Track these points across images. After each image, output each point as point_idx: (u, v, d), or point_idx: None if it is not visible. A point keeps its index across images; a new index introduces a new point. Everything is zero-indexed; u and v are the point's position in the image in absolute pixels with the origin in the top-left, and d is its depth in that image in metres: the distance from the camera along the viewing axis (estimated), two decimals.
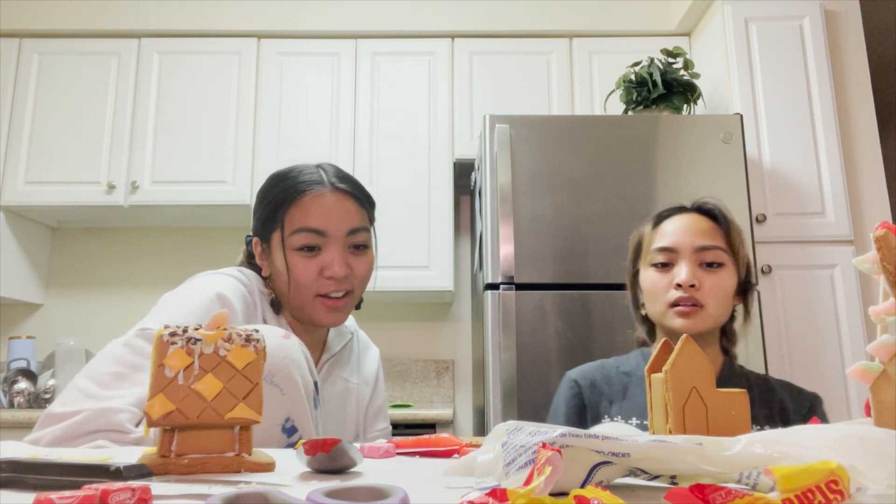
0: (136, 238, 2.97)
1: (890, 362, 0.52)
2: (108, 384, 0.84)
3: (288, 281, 1.04)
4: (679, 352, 0.60)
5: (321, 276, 1.04)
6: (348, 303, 1.07)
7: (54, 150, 2.67)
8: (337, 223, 1.05)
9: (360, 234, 1.07)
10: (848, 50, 2.45)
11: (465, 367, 2.90)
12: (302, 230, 1.03)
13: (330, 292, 1.04)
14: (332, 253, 1.04)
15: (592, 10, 2.81)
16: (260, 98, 2.74)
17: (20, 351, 2.60)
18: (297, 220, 1.04)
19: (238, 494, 0.40)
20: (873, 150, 2.36)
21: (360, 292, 1.09)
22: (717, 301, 1.10)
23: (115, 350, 0.89)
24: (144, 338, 0.90)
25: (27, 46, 2.76)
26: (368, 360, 1.24)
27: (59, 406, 0.82)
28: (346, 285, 1.05)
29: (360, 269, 1.07)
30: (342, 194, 1.07)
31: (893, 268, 0.52)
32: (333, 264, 1.03)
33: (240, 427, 0.58)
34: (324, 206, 1.05)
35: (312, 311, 1.05)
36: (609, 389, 1.16)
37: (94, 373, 0.86)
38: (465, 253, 2.96)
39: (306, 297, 1.04)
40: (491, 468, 0.47)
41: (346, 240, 1.06)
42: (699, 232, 1.13)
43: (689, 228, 1.14)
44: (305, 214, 1.04)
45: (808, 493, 0.35)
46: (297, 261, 1.04)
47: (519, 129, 2.13)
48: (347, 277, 1.05)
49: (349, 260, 1.06)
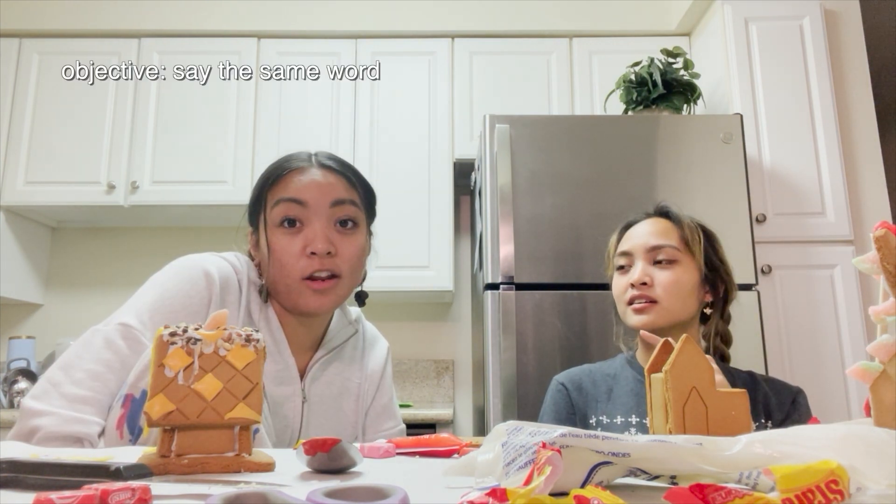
0: (136, 238, 2.97)
1: (890, 362, 0.52)
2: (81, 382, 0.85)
3: (271, 261, 0.99)
4: (679, 352, 0.60)
5: (304, 255, 0.98)
6: (336, 286, 1.00)
7: (54, 150, 2.67)
8: (318, 194, 1.00)
9: (345, 206, 1.01)
10: (848, 50, 2.45)
11: (465, 367, 2.89)
12: (281, 201, 0.99)
13: (314, 272, 0.98)
14: (315, 227, 0.99)
15: (592, 10, 2.81)
16: (260, 98, 2.74)
17: (20, 351, 2.60)
18: (279, 193, 1.00)
19: (238, 494, 0.40)
20: (873, 150, 2.36)
21: (350, 278, 1.03)
22: (671, 295, 1.16)
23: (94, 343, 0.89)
24: (123, 336, 0.90)
25: (27, 46, 2.76)
26: (374, 356, 1.17)
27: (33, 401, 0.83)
28: (330, 265, 0.99)
29: (346, 249, 1.01)
30: (327, 170, 1.03)
31: (893, 268, 0.52)
32: (316, 239, 0.98)
33: (240, 427, 0.58)
34: (305, 178, 1.00)
35: (298, 295, 0.99)
36: (595, 391, 1.23)
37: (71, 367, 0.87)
38: (465, 253, 2.96)
39: (291, 280, 0.99)
40: (491, 468, 0.47)
41: (329, 213, 1.00)
42: (654, 233, 1.21)
43: (645, 231, 1.22)
44: (286, 187, 1.00)
45: (808, 493, 0.35)
46: (279, 238, 0.99)
47: (519, 129, 2.13)
48: (332, 257, 0.99)
49: (334, 238, 1.00)
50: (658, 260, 1.18)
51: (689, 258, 1.19)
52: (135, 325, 0.91)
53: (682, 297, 1.17)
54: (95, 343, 0.89)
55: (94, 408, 0.84)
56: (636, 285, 1.17)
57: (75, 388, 0.84)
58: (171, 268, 1.00)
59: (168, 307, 0.94)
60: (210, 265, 0.99)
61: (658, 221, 1.23)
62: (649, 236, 1.20)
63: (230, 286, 1.00)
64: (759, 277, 2.16)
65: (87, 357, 0.88)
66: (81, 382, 0.85)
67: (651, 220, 1.25)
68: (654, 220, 1.24)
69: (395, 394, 1.21)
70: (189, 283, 0.97)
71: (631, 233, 1.25)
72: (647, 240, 1.20)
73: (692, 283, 1.18)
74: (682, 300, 1.17)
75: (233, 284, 1.01)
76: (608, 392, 1.21)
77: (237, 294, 1.01)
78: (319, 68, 2.76)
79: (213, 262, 1.01)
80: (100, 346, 0.89)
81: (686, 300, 1.17)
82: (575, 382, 1.25)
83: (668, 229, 1.21)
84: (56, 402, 0.83)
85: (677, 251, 1.19)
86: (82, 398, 0.84)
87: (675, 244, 1.19)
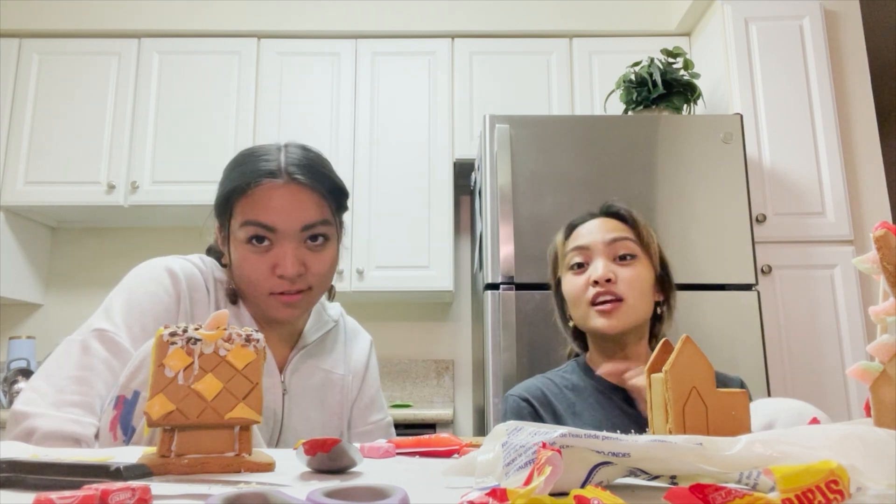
0: (136, 238, 2.97)
1: (890, 362, 0.52)
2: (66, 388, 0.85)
3: (240, 276, 0.98)
4: (679, 352, 0.60)
5: (272, 275, 0.96)
6: (305, 297, 0.99)
7: (54, 150, 2.67)
8: (288, 219, 0.96)
9: (316, 227, 0.98)
10: (848, 50, 2.45)
11: (465, 367, 2.89)
12: (249, 223, 0.96)
13: (283, 291, 0.97)
14: (284, 249, 0.95)
15: (592, 10, 2.81)
16: (260, 98, 2.74)
17: (20, 351, 2.60)
18: (247, 212, 0.96)
19: (238, 494, 0.40)
20: (873, 150, 2.36)
21: (320, 288, 1.01)
22: (636, 293, 1.09)
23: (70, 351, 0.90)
24: (99, 340, 0.90)
25: (27, 46, 2.76)
26: (357, 349, 1.17)
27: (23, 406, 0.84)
28: (300, 284, 0.97)
29: (317, 265, 0.98)
30: (298, 186, 0.97)
31: (893, 268, 0.52)
32: (285, 262, 0.95)
33: (240, 427, 0.58)
34: (274, 200, 0.96)
35: (267, 306, 0.98)
36: (559, 405, 1.13)
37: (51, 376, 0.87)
38: (465, 253, 2.96)
39: (259, 294, 0.98)
40: (491, 468, 0.47)
41: (300, 235, 0.97)
42: (609, 229, 1.14)
43: (599, 227, 1.15)
44: (254, 208, 0.96)
45: (808, 493, 0.35)
46: (247, 255, 0.97)
47: (519, 129, 2.13)
48: (302, 276, 0.97)
49: (305, 257, 0.97)
50: (619, 255, 1.12)
51: (644, 254, 1.13)
52: (109, 328, 0.92)
53: (645, 295, 1.11)
54: (72, 350, 0.90)
55: (84, 410, 0.84)
56: (601, 282, 1.08)
57: (61, 394, 0.85)
58: (134, 272, 1.01)
59: (137, 308, 0.94)
60: (172, 264, 1.00)
61: (610, 220, 1.16)
62: (607, 232, 1.13)
63: (196, 284, 1.00)
64: (759, 277, 2.16)
65: (66, 365, 0.88)
66: (66, 388, 0.85)
67: (601, 219, 1.17)
68: (606, 219, 1.17)
69: (380, 386, 1.20)
70: (154, 283, 0.97)
71: (581, 230, 1.17)
72: (605, 234, 1.13)
73: (651, 281, 1.12)
74: (645, 299, 1.11)
75: (199, 282, 1.01)
76: (571, 406, 1.12)
77: (205, 292, 1.00)
78: (319, 68, 2.77)
79: (175, 262, 1.01)
80: (77, 352, 0.89)
81: (647, 300, 1.12)
82: (538, 397, 1.14)
83: (623, 227, 1.15)
84: (46, 407, 0.83)
85: (635, 245, 1.13)
86: (71, 402, 0.84)
87: (633, 238, 1.13)
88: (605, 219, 1.17)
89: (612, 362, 1.13)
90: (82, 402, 0.85)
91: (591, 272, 1.11)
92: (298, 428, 1.04)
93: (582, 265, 1.13)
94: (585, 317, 1.12)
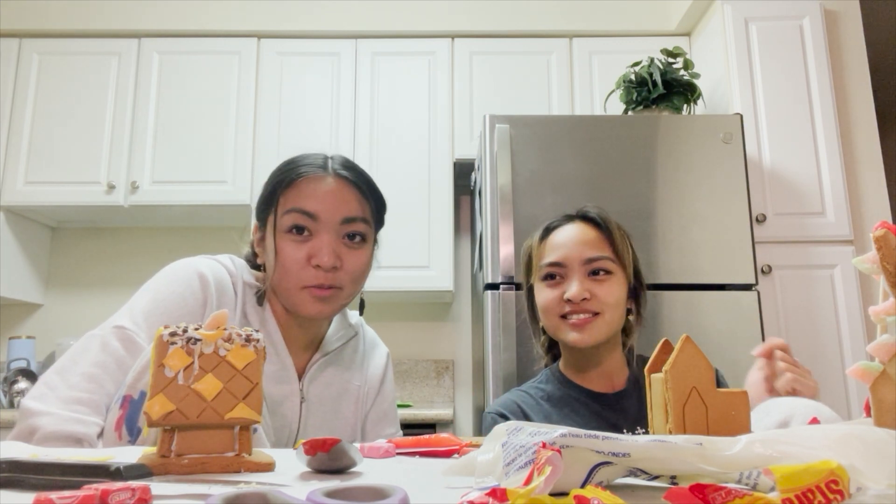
0: (136, 238, 2.97)
1: (890, 362, 0.52)
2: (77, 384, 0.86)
3: (275, 266, 0.99)
4: (679, 352, 0.60)
5: (308, 265, 0.98)
6: (337, 295, 1.01)
7: (54, 150, 2.67)
8: (331, 208, 0.99)
9: (356, 223, 1.01)
10: (848, 50, 2.45)
11: (465, 367, 2.89)
12: (293, 210, 0.99)
13: (316, 285, 0.98)
14: (322, 240, 0.98)
15: (592, 10, 2.81)
16: (260, 98, 2.74)
17: (20, 351, 2.60)
18: (291, 200, 0.99)
19: (238, 494, 0.40)
20: (873, 150, 2.36)
21: (350, 290, 1.03)
22: (612, 308, 1.10)
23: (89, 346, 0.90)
24: (118, 338, 0.90)
25: (27, 46, 2.76)
26: (375, 361, 1.17)
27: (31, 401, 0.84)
28: (333, 279, 0.99)
29: (351, 263, 1.00)
30: (343, 181, 1.02)
31: (893, 268, 0.52)
32: (322, 252, 0.97)
33: (240, 427, 0.58)
34: (319, 189, 1.00)
35: (299, 300, 0.99)
36: (536, 417, 1.13)
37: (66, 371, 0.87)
38: (465, 253, 2.96)
39: (293, 286, 0.99)
40: (491, 468, 0.47)
41: (339, 229, 1.00)
42: (586, 243, 1.13)
43: (575, 240, 1.13)
44: (298, 196, 0.99)
45: (808, 493, 0.35)
46: (286, 244, 0.99)
47: (519, 129, 2.13)
48: (336, 271, 0.99)
49: (341, 251, 0.99)
50: (593, 271, 1.11)
51: (620, 268, 1.13)
52: (129, 326, 0.91)
53: (619, 309, 1.12)
54: (90, 346, 0.90)
55: (91, 409, 0.84)
56: (577, 302, 1.09)
57: (71, 390, 0.85)
58: (164, 272, 1.01)
59: (162, 309, 0.94)
60: (204, 267, 1.00)
61: (587, 228, 1.15)
62: (583, 247, 1.12)
63: (225, 288, 1.00)
64: (759, 277, 2.16)
65: (82, 361, 0.88)
66: (77, 385, 0.85)
67: (577, 224, 1.16)
68: (583, 226, 1.15)
69: (394, 400, 1.21)
70: (183, 285, 0.97)
71: (559, 240, 1.15)
72: (582, 251, 1.11)
73: (624, 294, 1.13)
74: (619, 312, 1.12)
75: (227, 286, 1.01)
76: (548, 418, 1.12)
77: (232, 296, 1.01)
78: (319, 68, 2.77)
79: (206, 264, 1.01)
80: (95, 349, 0.89)
81: (621, 311, 1.13)
82: (514, 412, 1.13)
83: (598, 239, 1.13)
84: (53, 404, 0.83)
85: (612, 262, 1.12)
86: (78, 399, 0.84)
87: (610, 255, 1.12)
88: (581, 224, 1.16)
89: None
90: (90, 400, 0.85)
91: (566, 290, 1.10)
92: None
93: (555, 278, 1.13)
94: (557, 328, 1.13)
